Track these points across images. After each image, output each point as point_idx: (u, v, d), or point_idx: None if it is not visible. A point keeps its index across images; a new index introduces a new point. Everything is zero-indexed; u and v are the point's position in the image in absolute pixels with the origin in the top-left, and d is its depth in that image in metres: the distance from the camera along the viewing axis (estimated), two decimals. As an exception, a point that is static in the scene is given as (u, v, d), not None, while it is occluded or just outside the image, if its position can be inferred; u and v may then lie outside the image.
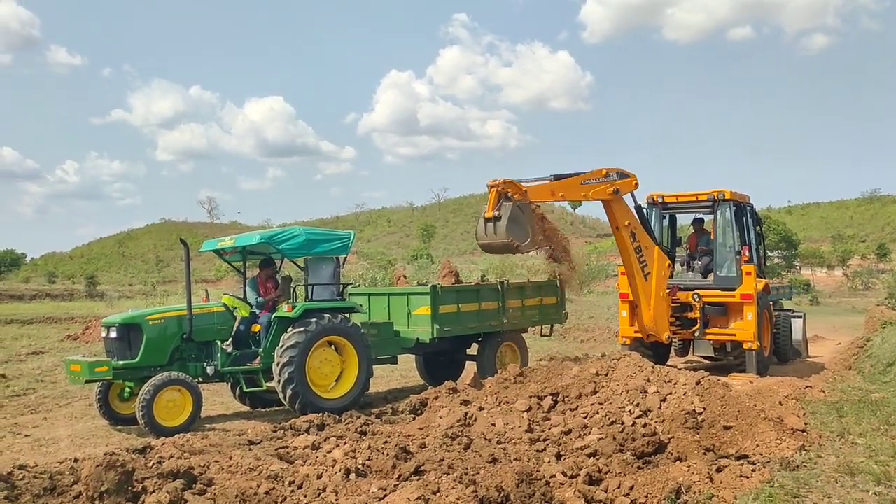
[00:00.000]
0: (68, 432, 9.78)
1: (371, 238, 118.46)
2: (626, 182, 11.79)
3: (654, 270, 12.16)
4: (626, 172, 11.79)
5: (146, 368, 9.98)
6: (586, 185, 11.36)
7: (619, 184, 11.61)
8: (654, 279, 12.12)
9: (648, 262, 12.07)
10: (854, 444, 7.27)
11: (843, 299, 44.67)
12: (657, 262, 12.16)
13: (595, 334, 21.76)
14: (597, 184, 11.40)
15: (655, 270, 12.17)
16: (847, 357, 15.47)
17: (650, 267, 12.13)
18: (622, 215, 11.88)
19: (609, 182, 11.47)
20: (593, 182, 11.37)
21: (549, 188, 11.08)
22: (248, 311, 11.02)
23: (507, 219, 10.08)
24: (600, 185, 11.43)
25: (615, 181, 11.54)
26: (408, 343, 12.14)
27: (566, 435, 7.59)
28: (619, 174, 11.66)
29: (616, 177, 11.58)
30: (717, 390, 8.25)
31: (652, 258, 12.08)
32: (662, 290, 12.38)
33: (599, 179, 11.40)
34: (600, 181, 11.42)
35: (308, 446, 7.53)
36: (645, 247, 12.02)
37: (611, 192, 11.51)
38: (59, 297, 48.52)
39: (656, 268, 12.20)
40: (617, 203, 11.79)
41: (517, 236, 10.18)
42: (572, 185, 11.28)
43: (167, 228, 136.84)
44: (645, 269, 12.07)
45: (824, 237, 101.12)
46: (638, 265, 12.02)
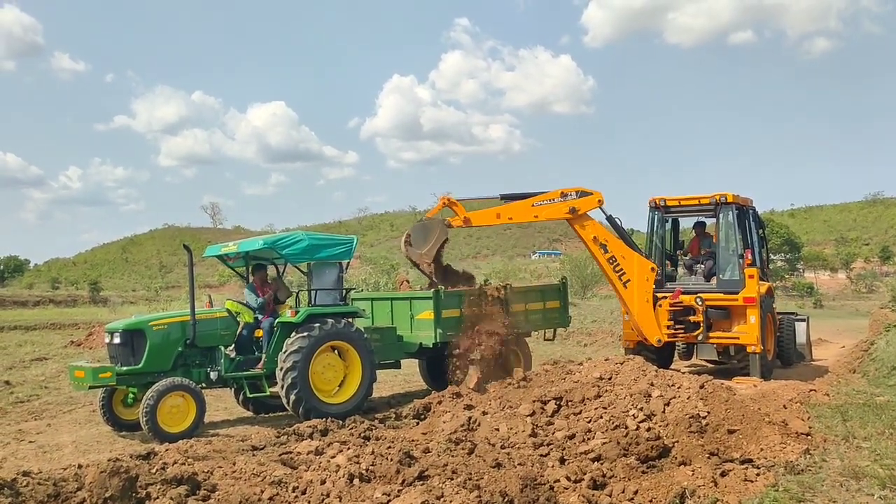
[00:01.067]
0: (72, 438, 9.78)
1: (374, 243, 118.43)
2: (587, 200, 12.09)
3: (635, 277, 12.36)
4: (588, 191, 12.07)
5: (150, 374, 9.97)
6: (538, 206, 11.70)
7: (577, 202, 11.87)
8: (634, 285, 12.31)
9: (626, 270, 12.31)
10: (859, 448, 7.25)
11: (847, 302, 44.63)
12: (637, 269, 12.37)
13: (598, 338, 21.74)
14: (550, 204, 11.71)
15: (636, 277, 12.37)
16: (851, 360, 15.43)
17: (629, 274, 12.38)
18: (587, 231, 12.18)
19: (565, 202, 11.69)
20: (546, 203, 11.68)
21: (494, 212, 11.57)
22: (251, 316, 11.02)
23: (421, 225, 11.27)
24: (554, 206, 11.75)
25: (572, 200, 11.77)
26: (411, 348, 12.13)
27: (570, 439, 7.57)
28: (580, 193, 11.92)
29: (575, 196, 11.84)
30: (720, 394, 8.24)
31: (630, 265, 12.31)
32: (647, 295, 12.51)
33: (555, 200, 11.71)
34: (555, 202, 11.71)
35: (311, 452, 7.52)
36: (621, 256, 12.26)
37: (566, 211, 11.77)
38: (63, 302, 48.60)
39: (636, 274, 12.41)
40: (577, 221, 12.08)
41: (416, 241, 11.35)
42: (521, 208, 11.67)
43: (170, 234, 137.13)
44: (623, 276, 12.34)
45: (827, 240, 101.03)
46: (615, 274, 12.34)
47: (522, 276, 52.11)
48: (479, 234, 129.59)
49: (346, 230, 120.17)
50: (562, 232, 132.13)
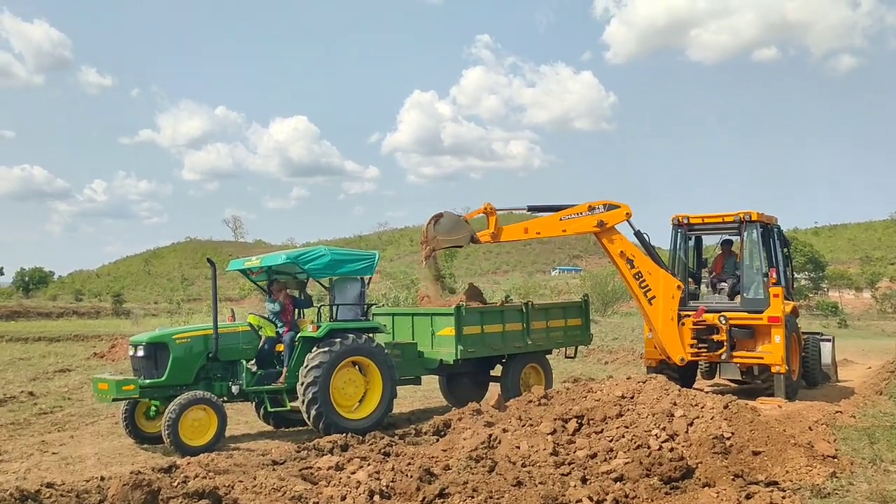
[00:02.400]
0: (95, 450, 9.84)
1: (394, 257, 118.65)
2: (615, 213, 11.79)
3: (660, 294, 12.12)
4: (615, 204, 11.81)
5: (172, 387, 10.02)
6: (566, 220, 11.48)
7: (604, 216, 11.62)
8: (659, 302, 12.08)
9: (652, 286, 12.07)
10: (886, 472, 7.13)
11: (872, 322, 44.04)
12: (663, 286, 12.12)
13: (619, 356, 21.57)
14: (578, 218, 11.50)
15: (661, 294, 12.13)
16: (878, 381, 15.19)
17: (655, 291, 12.12)
18: (613, 245, 11.94)
19: (593, 215, 11.52)
20: (574, 217, 11.46)
21: (521, 227, 11.34)
22: (273, 330, 11.06)
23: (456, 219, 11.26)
24: (582, 220, 11.53)
25: (600, 214, 11.56)
26: (432, 364, 12.10)
27: (592, 458, 7.51)
28: (607, 206, 11.68)
29: (602, 209, 11.60)
30: (745, 414, 8.14)
31: (656, 282, 12.07)
32: (671, 313, 12.30)
33: (582, 214, 11.49)
34: (583, 215, 11.50)
35: (332, 467, 7.51)
36: (647, 272, 12.03)
37: (594, 224, 11.60)
38: (86, 314, 49.09)
39: (662, 291, 12.16)
40: (605, 235, 11.83)
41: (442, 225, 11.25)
42: (548, 222, 11.46)
43: (192, 247, 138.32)
44: (648, 293, 12.08)
45: (852, 259, 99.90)
46: (640, 290, 12.07)
47: (542, 292, 52.00)
48: (498, 250, 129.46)
49: (367, 245, 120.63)
50: (582, 248, 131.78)
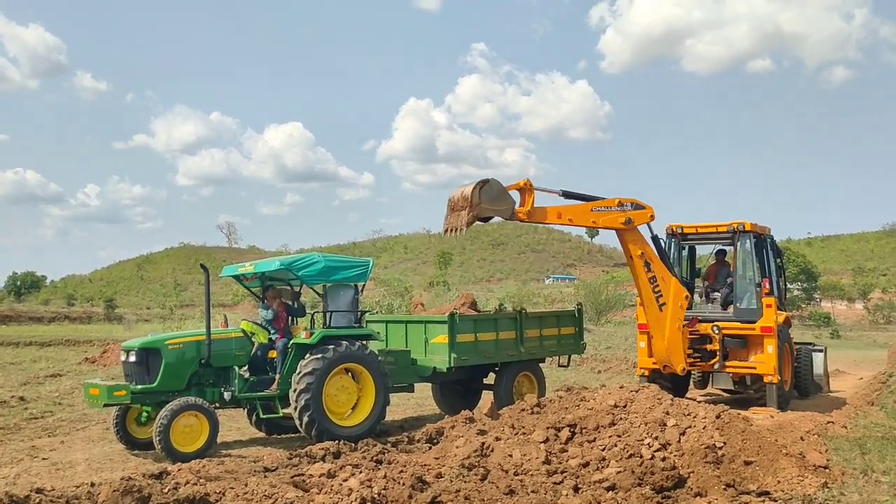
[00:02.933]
0: (85, 456, 9.79)
1: (388, 265, 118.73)
2: (641, 213, 11.64)
3: (670, 301, 11.98)
4: (642, 204, 11.67)
5: (164, 393, 9.99)
6: (596, 212, 11.22)
7: (632, 214, 11.47)
8: (669, 310, 11.96)
9: (664, 292, 11.90)
10: (878, 482, 7.15)
11: (865, 333, 44.19)
12: (673, 294, 11.99)
13: (612, 365, 21.59)
14: (608, 212, 11.28)
15: (671, 301, 11.99)
16: (869, 392, 15.24)
17: (665, 297, 11.95)
18: (635, 245, 11.73)
19: (622, 212, 11.35)
20: (604, 210, 11.25)
21: (555, 211, 10.98)
22: (266, 336, 11.04)
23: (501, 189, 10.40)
24: (612, 214, 11.32)
25: (628, 211, 11.41)
26: (425, 371, 12.09)
27: (584, 467, 7.50)
28: (634, 205, 11.53)
29: (630, 207, 11.45)
30: (737, 424, 8.15)
31: (668, 289, 11.92)
32: (678, 322, 12.22)
33: (612, 208, 11.28)
34: (612, 209, 11.30)
35: (324, 474, 7.49)
36: (661, 277, 11.86)
37: (622, 221, 11.41)
38: (78, 319, 48.96)
39: (672, 299, 12.01)
40: (630, 233, 11.65)
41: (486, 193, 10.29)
42: (582, 211, 11.15)
43: (186, 252, 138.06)
44: (660, 299, 11.91)
45: (844, 270, 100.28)
46: (653, 295, 11.88)
47: (536, 300, 51.96)
48: (492, 258, 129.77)
49: (361, 251, 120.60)
50: (576, 257, 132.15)
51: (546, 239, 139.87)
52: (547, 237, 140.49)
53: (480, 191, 10.18)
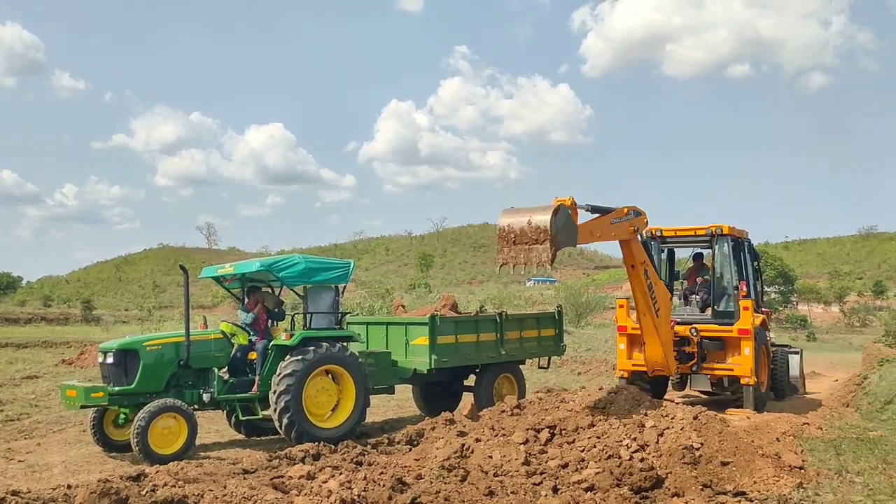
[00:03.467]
0: (62, 458, 9.70)
1: (369, 266, 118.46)
2: (641, 220, 11.23)
3: (663, 306, 11.93)
4: (639, 210, 11.27)
5: (142, 395, 9.92)
6: (615, 224, 10.61)
7: (637, 222, 11.04)
8: (663, 314, 11.93)
9: (658, 298, 11.75)
10: (852, 483, 7.24)
11: (840, 336, 44.72)
12: (664, 297, 11.98)
13: (592, 367, 21.69)
14: (621, 223, 10.73)
15: (664, 306, 11.96)
16: (844, 394, 15.44)
17: (660, 303, 11.88)
18: (639, 254, 11.31)
19: (629, 221, 10.84)
20: (619, 221, 10.68)
21: (588, 228, 10.06)
22: (245, 338, 11.00)
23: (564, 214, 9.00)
24: (624, 224, 10.78)
25: (633, 220, 10.95)
26: (405, 373, 12.10)
27: (563, 468, 7.55)
28: (635, 212, 11.07)
29: (633, 215, 10.97)
30: (714, 425, 8.23)
31: (661, 294, 11.84)
32: (670, 325, 12.24)
33: (623, 218, 10.75)
34: (623, 220, 10.77)
35: (303, 476, 7.48)
36: (654, 283, 11.62)
37: (632, 230, 10.93)
38: (55, 321, 48.34)
39: (665, 304, 11.97)
40: (635, 242, 11.21)
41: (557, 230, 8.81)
42: (605, 225, 10.46)
43: (165, 254, 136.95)
44: (656, 305, 11.78)
45: (821, 273, 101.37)
46: (650, 302, 11.52)
47: (517, 302, 52.18)
48: (473, 261, 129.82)
49: (342, 253, 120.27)
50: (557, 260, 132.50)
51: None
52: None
53: (555, 218, 8.88)
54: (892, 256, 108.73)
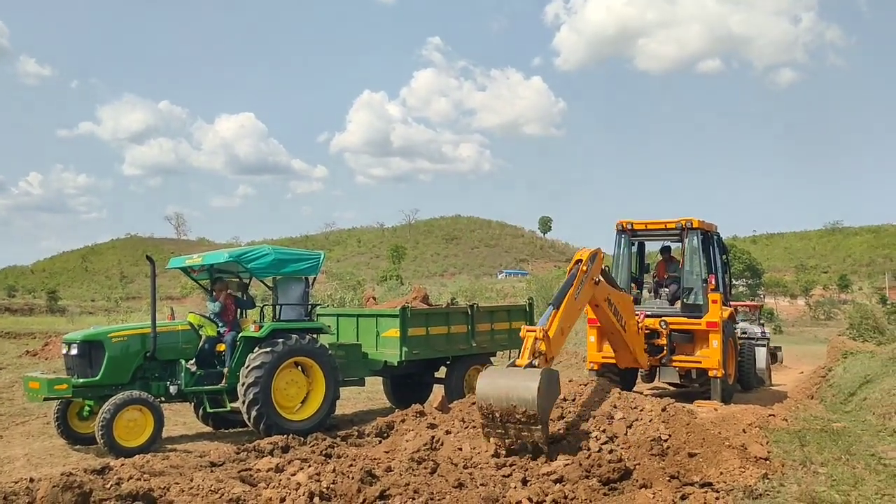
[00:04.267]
0: (24, 451, 9.54)
1: (340, 258, 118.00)
2: (598, 263, 10.40)
3: (627, 315, 11.74)
4: (594, 251, 10.38)
5: (107, 387, 9.77)
6: (578, 296, 9.68)
7: (594, 270, 10.22)
8: (629, 324, 11.82)
9: (623, 313, 11.54)
10: (816, 474, 7.34)
11: (806, 328, 45.47)
12: (627, 307, 11.74)
13: (562, 359, 21.79)
14: (583, 287, 9.87)
15: (628, 314, 11.79)
16: (809, 386, 15.71)
17: (626, 317, 11.71)
18: (602, 293, 10.76)
19: (589, 278, 10.05)
20: (580, 287, 9.77)
21: (559, 327, 9.06)
22: (214, 330, 10.87)
23: (545, 372, 7.90)
24: (585, 286, 9.94)
25: (591, 273, 10.11)
26: (376, 365, 12.06)
27: (533, 460, 7.57)
28: (591, 258, 10.14)
29: (590, 264, 10.10)
30: (682, 417, 8.30)
31: (624, 307, 11.50)
32: (636, 326, 12.23)
33: (583, 281, 9.85)
34: (583, 283, 9.87)
35: (271, 469, 7.42)
36: (618, 303, 11.28)
37: (593, 283, 10.25)
38: (19, 311, 47.61)
39: (628, 313, 11.76)
40: (598, 287, 10.53)
41: (545, 393, 7.71)
42: (571, 309, 9.47)
43: (132, 244, 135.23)
44: (622, 321, 11.63)
45: (788, 267, 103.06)
46: (619, 325, 11.36)
47: (488, 295, 52.24)
48: (445, 253, 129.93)
49: (313, 245, 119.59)
50: (528, 252, 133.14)
51: (499, 234, 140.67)
52: (500, 232, 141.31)
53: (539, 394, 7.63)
54: (856, 251, 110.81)
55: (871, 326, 23.61)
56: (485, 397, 7.78)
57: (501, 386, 7.76)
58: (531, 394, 7.47)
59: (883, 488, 6.79)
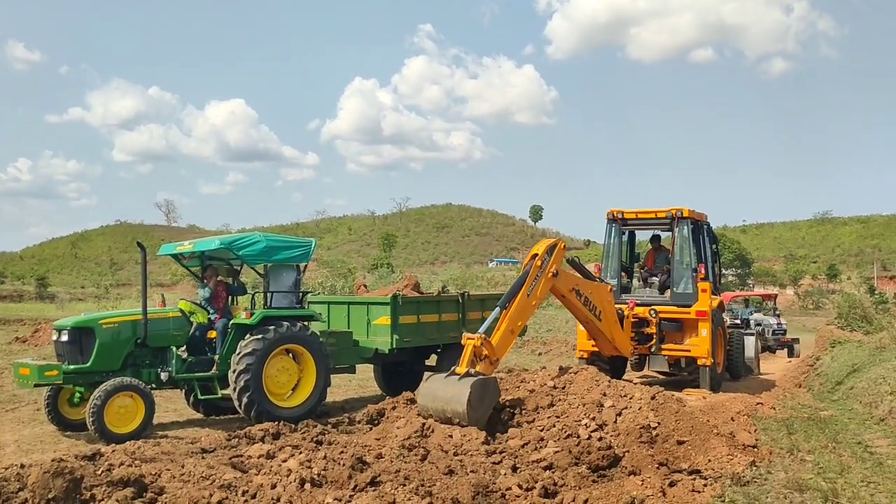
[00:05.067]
0: (15, 437, 9.52)
1: (331, 246, 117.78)
2: (558, 255, 10.47)
3: (604, 306, 11.81)
4: (552, 243, 10.54)
5: (98, 373, 9.76)
6: (531, 292, 9.90)
7: (554, 265, 10.33)
8: (605, 314, 11.86)
9: (596, 303, 11.60)
10: (803, 461, 7.42)
11: (795, 318, 45.66)
12: (602, 297, 11.82)
13: (553, 347, 21.90)
14: (538, 282, 10.01)
15: (605, 306, 11.82)
16: (797, 375, 15.84)
17: (600, 306, 11.76)
18: (566, 284, 10.94)
19: (545, 271, 10.17)
20: (534, 282, 9.94)
21: (508, 327, 9.39)
22: (205, 316, 10.86)
23: (477, 382, 8.25)
24: (541, 282, 10.08)
25: (548, 263, 10.23)
26: (367, 353, 12.08)
27: (522, 447, 7.62)
28: (548, 251, 10.32)
29: (547, 257, 10.26)
30: (671, 405, 8.37)
31: (598, 297, 11.65)
32: (614, 316, 12.24)
33: (537, 276, 10.05)
34: (539, 277, 10.06)
35: (263, 455, 7.44)
36: (590, 293, 11.46)
37: (551, 276, 10.32)
38: (8, 298, 47.37)
39: (604, 303, 11.84)
40: (560, 279, 10.67)
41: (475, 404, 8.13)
42: (524, 306, 9.75)
43: (122, 230, 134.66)
44: (596, 311, 11.71)
45: (777, 257, 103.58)
46: (590, 314, 11.51)
47: (479, 283, 52.29)
48: (436, 241, 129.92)
49: (304, 232, 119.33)
50: (519, 241, 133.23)
51: (490, 223, 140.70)
52: (491, 221, 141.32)
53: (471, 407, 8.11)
54: (845, 241, 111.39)
55: (858, 316, 23.78)
56: (424, 408, 8.50)
57: (438, 397, 8.36)
58: (462, 406, 8.04)
59: (869, 476, 6.87)
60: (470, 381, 8.21)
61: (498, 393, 8.74)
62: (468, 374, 8.44)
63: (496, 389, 8.69)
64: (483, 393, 8.29)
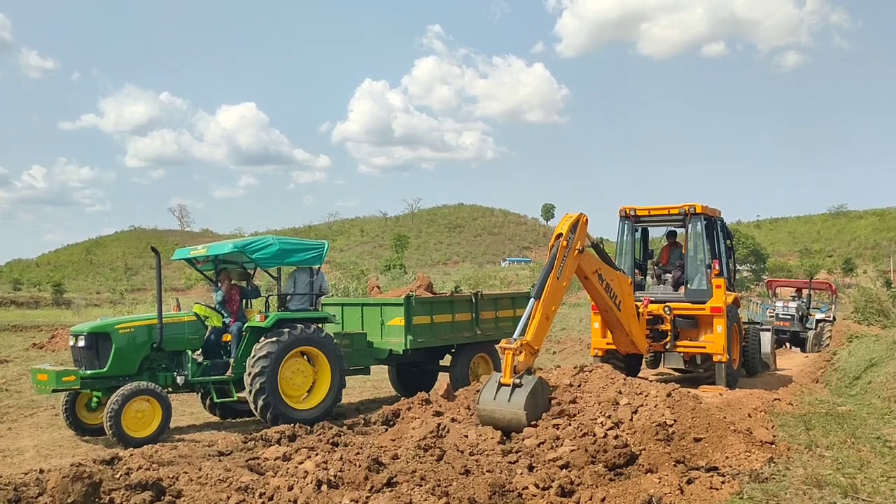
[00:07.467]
0: (34, 443, 9.60)
1: (344, 248, 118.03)
2: (581, 229, 10.37)
3: (624, 296, 11.83)
4: (575, 219, 10.37)
5: (115, 378, 9.83)
6: (561, 275, 9.79)
7: (578, 240, 10.22)
8: (625, 305, 11.87)
9: (617, 292, 11.58)
10: (821, 457, 7.37)
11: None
12: (623, 287, 11.83)
13: (567, 346, 21.86)
14: (566, 263, 9.93)
15: (624, 297, 11.85)
16: (814, 370, 15.70)
17: (620, 296, 11.77)
18: (590, 265, 10.82)
19: (570, 250, 10.04)
20: (562, 263, 9.86)
21: (543, 314, 9.34)
22: (219, 320, 10.91)
23: (528, 391, 8.39)
24: (568, 261, 9.97)
25: (573, 241, 10.13)
26: (381, 354, 12.10)
27: (538, 446, 7.60)
28: (571, 228, 10.19)
29: (571, 235, 10.13)
30: (687, 402, 8.32)
31: (619, 287, 11.58)
32: (634, 310, 12.23)
33: (564, 256, 9.93)
34: (566, 258, 9.95)
35: (279, 457, 7.47)
36: (610, 280, 11.38)
37: (577, 253, 10.22)
38: (25, 304, 47.74)
39: (624, 294, 11.84)
40: (583, 258, 10.54)
41: (532, 413, 8.35)
42: (555, 289, 9.65)
43: (136, 236, 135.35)
44: (616, 300, 11.68)
45: (792, 251, 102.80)
46: (612, 303, 11.40)
47: (492, 283, 52.30)
48: (449, 241, 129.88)
49: (317, 235, 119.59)
50: (531, 240, 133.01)
51: (502, 222, 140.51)
52: (503, 220, 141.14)
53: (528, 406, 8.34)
54: (861, 234, 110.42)
55: (875, 310, 23.62)
56: (484, 420, 8.50)
57: (495, 410, 8.44)
58: (522, 420, 8.22)
59: (888, 471, 6.82)
60: (524, 395, 8.35)
61: (548, 390, 8.90)
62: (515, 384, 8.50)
63: (547, 389, 8.87)
64: (536, 400, 8.50)
